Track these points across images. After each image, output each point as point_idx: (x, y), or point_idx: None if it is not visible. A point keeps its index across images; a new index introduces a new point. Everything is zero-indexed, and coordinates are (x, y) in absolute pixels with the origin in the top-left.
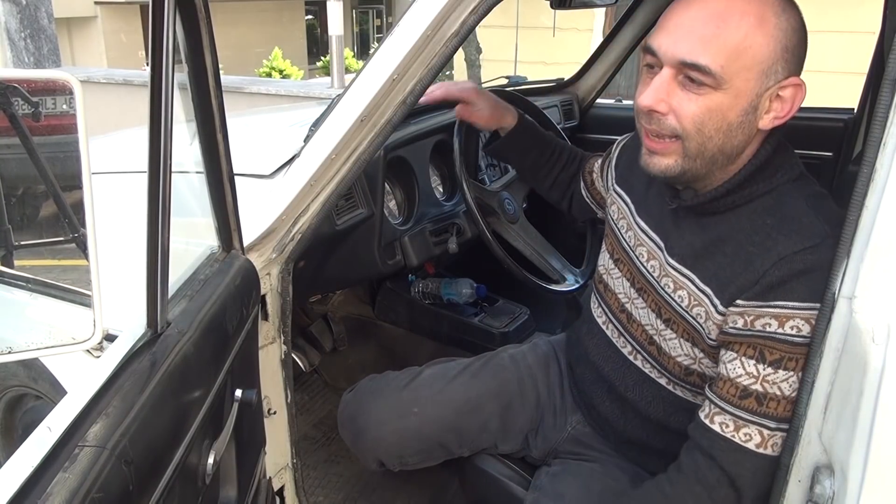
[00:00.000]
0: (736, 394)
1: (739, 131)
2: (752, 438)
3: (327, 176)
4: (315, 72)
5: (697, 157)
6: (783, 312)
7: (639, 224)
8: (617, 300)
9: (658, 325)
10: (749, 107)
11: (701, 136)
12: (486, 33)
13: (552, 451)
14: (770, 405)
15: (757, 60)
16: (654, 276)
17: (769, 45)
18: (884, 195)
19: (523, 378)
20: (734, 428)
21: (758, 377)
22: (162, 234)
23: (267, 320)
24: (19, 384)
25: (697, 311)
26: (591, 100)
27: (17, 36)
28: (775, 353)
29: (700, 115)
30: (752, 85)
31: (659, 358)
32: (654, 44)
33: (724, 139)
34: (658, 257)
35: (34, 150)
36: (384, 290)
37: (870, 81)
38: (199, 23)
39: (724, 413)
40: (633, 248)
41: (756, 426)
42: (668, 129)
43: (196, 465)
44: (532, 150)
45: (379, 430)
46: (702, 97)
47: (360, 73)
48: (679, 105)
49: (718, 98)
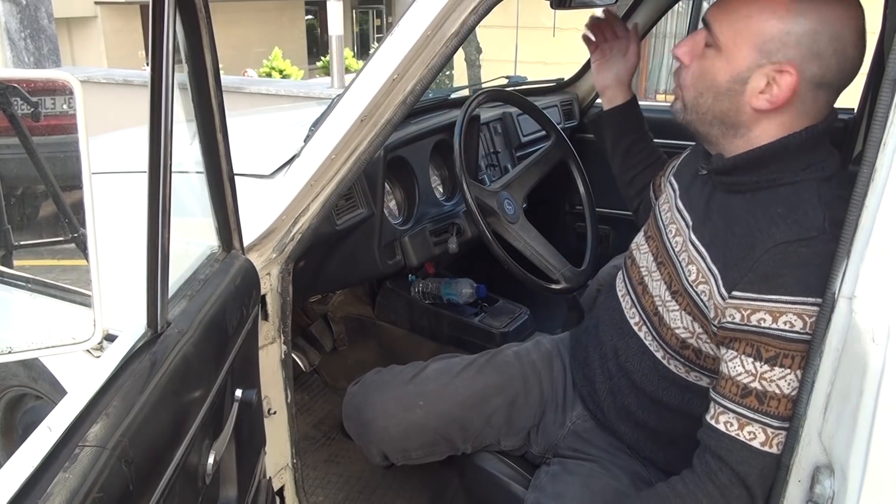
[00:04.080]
0: (737, 392)
1: (727, 98)
2: (756, 437)
3: (327, 176)
4: (315, 72)
5: (693, 110)
6: (776, 307)
7: (678, 206)
8: (638, 272)
9: (666, 296)
10: (738, 76)
11: (694, 91)
12: (486, 33)
13: (552, 447)
14: (771, 404)
15: (756, 34)
16: (675, 250)
17: (775, 26)
18: (884, 195)
19: (527, 374)
20: (738, 426)
21: (756, 374)
22: (162, 234)
23: (267, 320)
24: (19, 384)
25: (703, 288)
26: (591, 100)
27: (17, 36)
28: (770, 350)
29: (696, 71)
30: (745, 55)
31: (659, 329)
32: None
33: (714, 101)
34: (683, 233)
35: (34, 150)
36: (384, 290)
37: (870, 81)
38: (199, 23)
39: (727, 412)
40: (665, 225)
41: (759, 424)
42: (679, 79)
43: (196, 465)
44: (631, 134)
45: (384, 422)
46: (703, 59)
47: (360, 73)
48: (693, 61)
49: (712, 60)
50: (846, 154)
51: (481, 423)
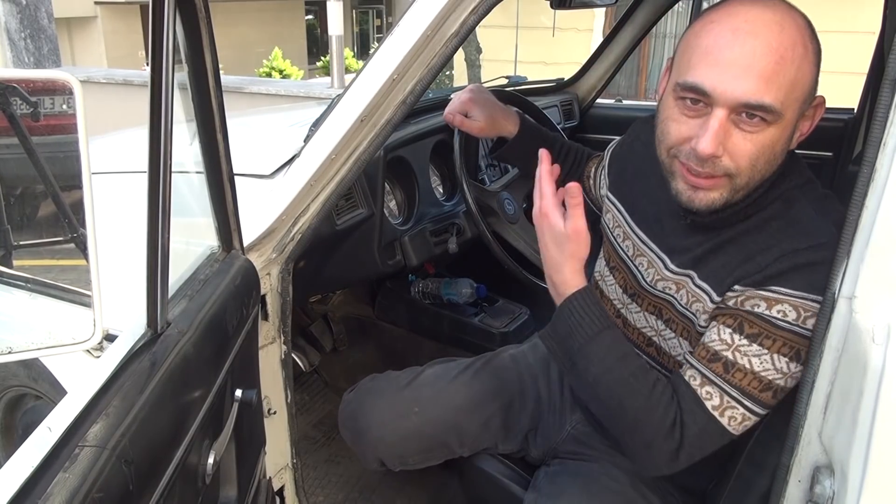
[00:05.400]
0: (706, 356)
1: (781, 157)
2: (711, 398)
3: (327, 176)
4: (315, 72)
5: (743, 189)
6: (773, 297)
7: (637, 234)
8: (612, 306)
9: (658, 325)
10: (791, 134)
11: (752, 172)
12: (486, 33)
13: (552, 450)
14: (736, 375)
15: (805, 91)
16: (647, 281)
17: (812, 74)
18: (884, 195)
19: (524, 377)
20: (700, 383)
21: (731, 346)
22: (162, 234)
23: (267, 320)
24: (19, 384)
25: (696, 307)
26: (591, 100)
27: (17, 36)
28: (754, 328)
29: (756, 152)
30: (797, 114)
31: (658, 358)
32: (706, 83)
33: (769, 169)
34: (656, 266)
35: (34, 150)
36: (384, 290)
37: (870, 81)
38: (199, 23)
39: (692, 368)
40: (631, 259)
41: (718, 388)
42: (722, 170)
43: (196, 465)
44: (535, 157)
45: (380, 429)
46: (757, 135)
47: (360, 73)
48: (735, 145)
49: (772, 133)
50: (846, 154)
51: (478, 428)
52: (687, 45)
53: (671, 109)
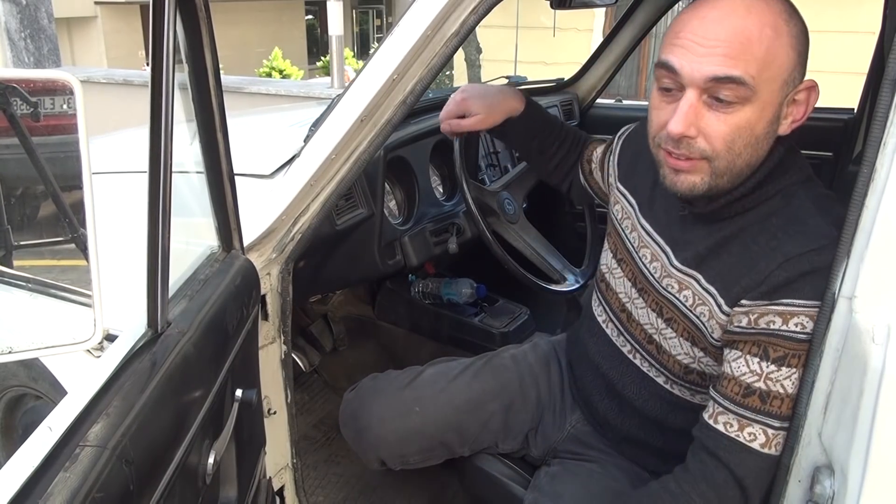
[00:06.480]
0: (739, 392)
1: (765, 142)
2: (756, 438)
3: (327, 176)
4: (315, 72)
5: (725, 173)
6: (788, 310)
7: (643, 226)
8: (618, 299)
9: (658, 324)
10: (773, 117)
11: (731, 154)
12: (486, 33)
13: (552, 450)
14: (774, 403)
15: (783, 72)
16: (655, 277)
17: (788, 55)
18: (884, 195)
19: (524, 377)
20: (738, 427)
21: (761, 375)
22: (162, 234)
23: (267, 320)
24: (19, 384)
25: (701, 309)
26: (591, 100)
27: (17, 36)
28: (779, 350)
29: (730, 133)
30: (776, 96)
31: (658, 356)
32: (675, 62)
33: (752, 153)
34: (661, 259)
35: (34, 150)
36: (384, 290)
37: (870, 81)
38: (199, 23)
39: (727, 412)
40: (636, 250)
41: (760, 425)
42: (698, 151)
43: (196, 465)
44: (537, 134)
45: (380, 428)
46: (731, 115)
47: (360, 73)
48: (708, 126)
49: (747, 113)
50: (846, 154)
51: (478, 427)
52: (665, 33)
53: (653, 100)
